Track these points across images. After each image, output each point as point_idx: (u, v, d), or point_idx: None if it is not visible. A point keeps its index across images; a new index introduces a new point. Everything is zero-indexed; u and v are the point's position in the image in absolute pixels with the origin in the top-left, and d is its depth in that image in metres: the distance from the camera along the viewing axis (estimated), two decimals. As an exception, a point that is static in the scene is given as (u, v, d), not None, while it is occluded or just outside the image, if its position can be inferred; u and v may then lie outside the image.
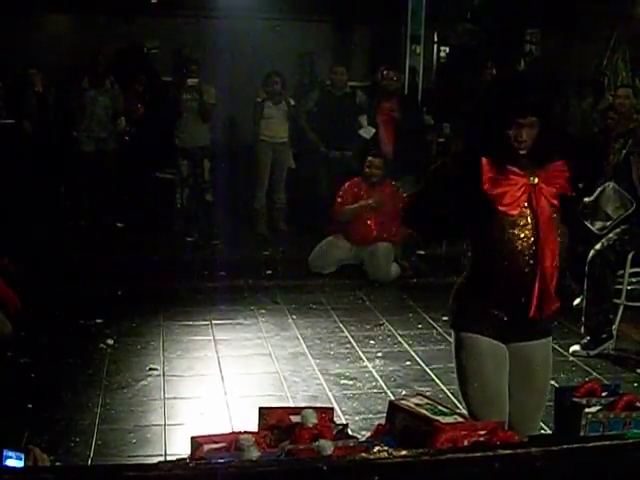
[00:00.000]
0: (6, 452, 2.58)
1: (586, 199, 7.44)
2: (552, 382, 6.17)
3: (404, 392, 5.93)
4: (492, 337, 3.96)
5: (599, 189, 7.34)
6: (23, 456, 2.66)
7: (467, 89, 11.86)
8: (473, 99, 11.36)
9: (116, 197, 11.13)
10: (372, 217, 9.35)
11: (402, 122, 10.44)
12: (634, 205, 7.04)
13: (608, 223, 7.14)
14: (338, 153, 10.77)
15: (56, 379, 6.29)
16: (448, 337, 7.31)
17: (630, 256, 7.06)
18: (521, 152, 3.85)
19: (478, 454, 2.37)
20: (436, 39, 14.70)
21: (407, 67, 12.63)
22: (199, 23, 13.47)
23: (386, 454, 2.36)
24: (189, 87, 10.66)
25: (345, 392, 6.13)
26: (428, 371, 6.58)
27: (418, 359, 6.85)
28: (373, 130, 10.60)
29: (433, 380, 6.38)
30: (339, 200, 9.46)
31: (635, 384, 6.43)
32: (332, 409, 3.09)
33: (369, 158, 9.55)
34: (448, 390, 6.13)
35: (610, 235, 7.04)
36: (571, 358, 6.97)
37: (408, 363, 6.78)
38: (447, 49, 14.92)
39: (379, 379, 6.39)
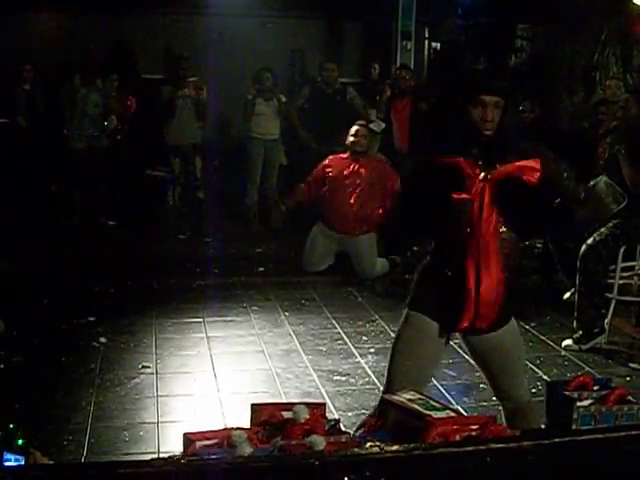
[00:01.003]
0: (6, 455, 2.58)
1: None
2: (544, 377, 6.22)
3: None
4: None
5: (591, 183, 7.36)
6: (23, 459, 2.66)
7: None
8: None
9: (108, 195, 11.12)
10: (354, 194, 9.12)
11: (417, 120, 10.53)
12: (626, 199, 7.05)
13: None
14: (329, 149, 10.77)
15: (49, 378, 6.27)
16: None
17: (622, 250, 7.07)
18: (486, 132, 3.93)
19: (470, 448, 2.37)
20: (427, 35, 14.71)
21: (398, 63, 12.64)
22: (190, 21, 13.46)
23: (378, 449, 2.36)
24: (188, 84, 10.66)
25: (338, 388, 6.13)
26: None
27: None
28: (383, 124, 10.71)
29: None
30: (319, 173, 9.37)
31: (627, 378, 6.44)
32: (324, 404, 3.09)
33: (355, 127, 9.35)
34: (441, 386, 6.14)
35: (602, 230, 7.04)
36: (563, 352, 6.97)
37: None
38: (438, 45, 14.94)
39: (372, 375, 6.39)
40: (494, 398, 5.90)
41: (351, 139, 9.25)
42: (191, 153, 11.01)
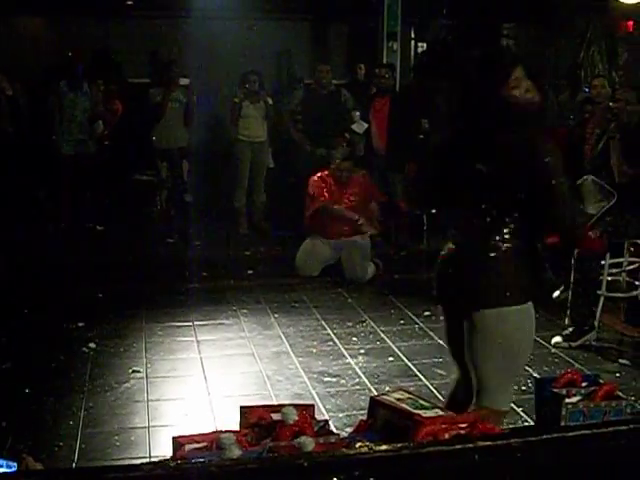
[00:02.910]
0: None
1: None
2: (534, 374, 6.23)
3: (387, 388, 5.92)
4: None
5: (578, 183, 7.37)
6: (15, 465, 2.65)
7: (444, 85, 11.91)
8: (450, 95, 11.48)
9: (96, 200, 11.10)
10: (345, 206, 9.33)
11: (394, 118, 10.53)
12: (615, 196, 7.06)
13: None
14: (324, 151, 10.80)
15: (38, 384, 6.25)
16: (430, 332, 7.36)
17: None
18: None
19: (458, 446, 2.37)
20: (413, 35, 14.73)
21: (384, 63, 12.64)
22: (176, 24, 13.45)
23: (367, 449, 2.36)
24: (178, 87, 10.67)
25: (329, 389, 6.13)
26: (411, 366, 6.59)
27: (401, 355, 6.86)
28: (366, 125, 10.73)
29: (416, 375, 6.39)
30: (313, 196, 9.40)
31: (617, 374, 6.46)
32: (312, 406, 3.09)
33: (337, 161, 9.54)
34: (431, 385, 6.15)
35: (595, 228, 7.05)
36: (553, 350, 6.99)
37: (391, 359, 6.79)
38: (424, 45, 14.95)
39: (362, 376, 6.40)
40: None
41: (337, 162, 9.46)
42: (178, 157, 11.00)
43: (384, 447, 2.38)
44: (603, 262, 7.15)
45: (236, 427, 2.99)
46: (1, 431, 5.36)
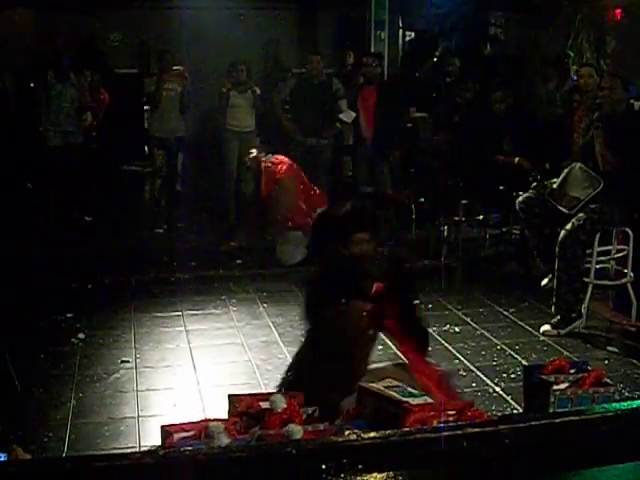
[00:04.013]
0: None
1: (553, 180, 7.50)
2: (523, 362, 6.25)
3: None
4: None
5: (566, 170, 7.39)
6: (5, 455, 2.64)
7: (431, 73, 11.93)
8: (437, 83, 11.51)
9: (83, 191, 11.07)
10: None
11: (381, 107, 10.55)
12: (602, 184, 7.09)
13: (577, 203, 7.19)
14: (314, 140, 10.81)
15: (28, 375, 6.24)
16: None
17: (598, 235, 7.11)
18: None
19: (447, 433, 2.37)
20: (401, 24, 14.69)
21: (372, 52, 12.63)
22: (163, 14, 13.39)
23: (355, 436, 2.36)
24: (172, 76, 10.67)
25: (318, 378, 6.13)
26: (399, 354, 6.58)
27: (390, 343, 6.85)
28: (354, 114, 10.75)
29: (406, 363, 6.38)
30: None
31: (606, 362, 6.48)
32: (301, 394, 3.09)
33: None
34: (420, 373, 6.15)
35: (580, 215, 7.09)
36: (542, 338, 7.01)
37: (380, 347, 6.78)
38: (412, 34, 14.92)
39: (351, 364, 6.39)
40: (473, 384, 5.97)
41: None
42: (175, 147, 11.02)
43: (372, 434, 2.38)
44: (589, 250, 7.16)
45: (225, 416, 2.99)
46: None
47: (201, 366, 6.40)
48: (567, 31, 12.97)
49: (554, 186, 7.44)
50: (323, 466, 2.11)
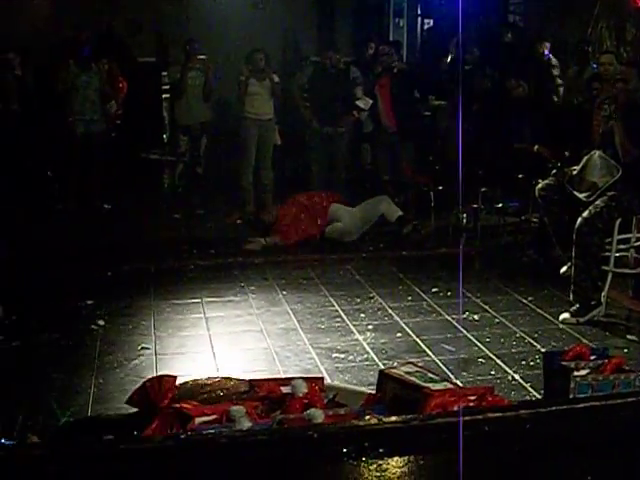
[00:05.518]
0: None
1: (573, 168, 7.48)
2: (542, 350, 6.24)
3: (395, 364, 5.94)
4: None
5: (585, 157, 7.37)
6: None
7: (451, 62, 11.90)
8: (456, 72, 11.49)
9: (104, 179, 11.11)
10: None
11: (398, 94, 10.59)
12: (620, 172, 7.07)
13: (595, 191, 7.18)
14: (331, 129, 10.83)
15: (48, 361, 6.28)
16: (438, 308, 7.38)
17: (617, 223, 7.08)
18: None
19: (468, 418, 2.38)
20: (419, 12, 14.67)
21: (391, 40, 12.64)
22: (182, 3, 13.39)
23: (376, 420, 2.37)
24: (196, 65, 10.80)
25: (337, 365, 6.14)
26: (419, 342, 6.59)
27: (409, 330, 6.86)
28: (371, 101, 10.77)
29: (424, 351, 6.39)
30: None
31: (625, 350, 6.45)
32: (322, 378, 3.11)
33: None
34: (439, 361, 6.16)
35: (597, 202, 7.06)
36: (561, 326, 6.99)
37: (399, 335, 6.80)
38: (431, 22, 14.89)
39: (370, 351, 6.41)
40: (492, 372, 5.96)
41: None
42: (200, 132, 11.15)
43: (393, 419, 2.39)
44: (608, 239, 7.14)
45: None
46: (11, 409, 5.38)
47: (220, 353, 6.41)
48: (587, 18, 12.91)
49: (573, 173, 7.43)
50: (344, 449, 2.12)
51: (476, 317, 7.23)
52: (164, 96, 11.98)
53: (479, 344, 6.55)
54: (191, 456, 2.10)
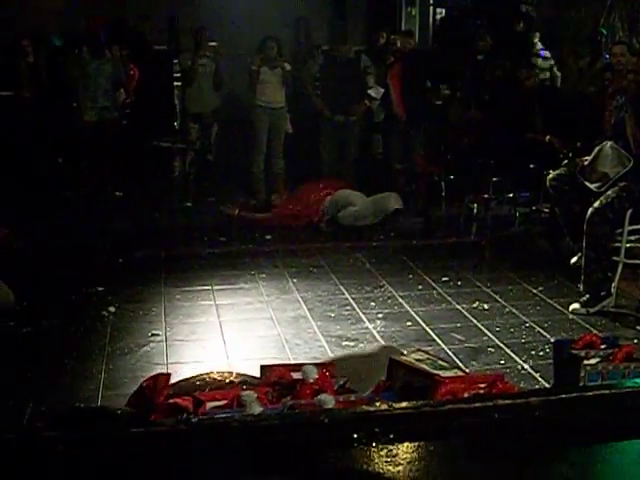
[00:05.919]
0: None
1: (585, 158, 7.47)
2: (552, 340, 6.24)
3: (405, 352, 5.95)
4: None
5: (597, 148, 7.36)
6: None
7: (464, 51, 11.88)
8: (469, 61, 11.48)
9: (115, 166, 11.12)
10: None
11: (407, 84, 10.60)
12: (632, 162, 7.06)
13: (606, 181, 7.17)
14: (342, 118, 10.83)
15: (59, 347, 6.30)
16: (448, 297, 7.38)
17: (629, 213, 7.08)
18: None
19: (478, 405, 2.38)
20: (432, 1, 14.64)
21: (403, 29, 12.62)
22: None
23: (387, 406, 2.38)
24: (207, 52, 10.83)
25: (346, 353, 6.15)
26: (429, 331, 6.60)
27: (419, 319, 6.87)
28: (382, 90, 10.79)
29: (434, 340, 6.40)
30: None
31: (635, 340, 6.44)
32: (333, 364, 3.11)
33: None
34: (449, 350, 6.16)
35: (608, 193, 7.06)
36: (571, 316, 6.99)
37: (409, 324, 6.81)
38: (443, 11, 14.86)
39: (380, 340, 6.41)
40: (502, 361, 5.97)
41: None
42: (211, 119, 11.18)
43: (404, 404, 2.40)
44: (619, 230, 7.13)
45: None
46: (22, 395, 5.41)
47: (230, 340, 6.43)
48: (599, 8, 12.88)
49: (585, 164, 7.42)
50: (355, 435, 2.12)
51: (486, 306, 7.23)
52: (175, 84, 11.97)
53: (489, 333, 6.55)
54: (202, 440, 2.11)
